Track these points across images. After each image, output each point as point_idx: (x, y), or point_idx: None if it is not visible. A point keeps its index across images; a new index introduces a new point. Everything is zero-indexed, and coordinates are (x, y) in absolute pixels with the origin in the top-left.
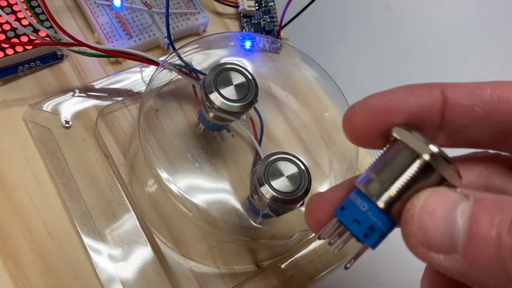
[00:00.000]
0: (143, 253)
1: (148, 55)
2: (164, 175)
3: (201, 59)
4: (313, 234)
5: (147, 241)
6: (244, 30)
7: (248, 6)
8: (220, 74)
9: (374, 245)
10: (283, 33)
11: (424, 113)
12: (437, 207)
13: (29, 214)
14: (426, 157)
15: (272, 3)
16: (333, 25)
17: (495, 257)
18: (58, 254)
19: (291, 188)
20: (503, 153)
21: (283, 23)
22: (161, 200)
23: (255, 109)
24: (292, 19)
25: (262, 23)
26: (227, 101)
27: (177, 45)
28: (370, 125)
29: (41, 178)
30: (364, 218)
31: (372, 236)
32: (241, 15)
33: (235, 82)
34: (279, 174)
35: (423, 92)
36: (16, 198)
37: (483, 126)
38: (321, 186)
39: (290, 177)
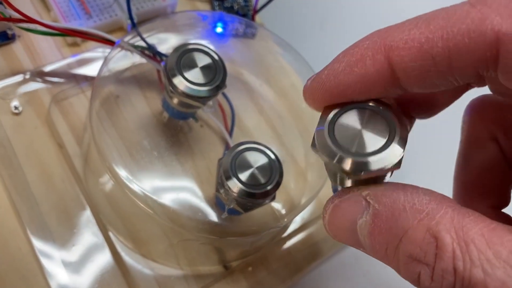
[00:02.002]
0: (99, 254)
1: (104, 33)
2: (120, 170)
3: (166, 42)
4: (285, 233)
5: (103, 240)
6: None
7: None
8: (184, 56)
9: None
10: (258, 18)
11: (372, 84)
12: (340, 222)
13: None
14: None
15: None
16: (311, 11)
17: (389, 261)
18: (1, 252)
19: (261, 181)
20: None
21: (258, 7)
22: (118, 196)
23: (226, 97)
24: (268, 3)
25: (235, 7)
26: (192, 85)
27: (141, 28)
28: (323, 99)
29: None
30: None
31: None
32: None
33: (200, 64)
34: (247, 165)
35: (365, 64)
36: None
37: (442, 83)
38: (295, 180)
39: (260, 169)
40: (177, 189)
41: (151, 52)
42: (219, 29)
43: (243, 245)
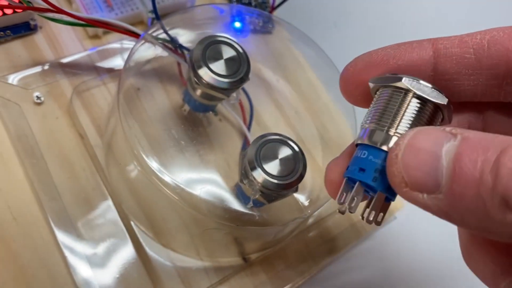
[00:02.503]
0: (120, 243)
1: (130, 26)
2: (150, 159)
3: (185, 35)
4: (305, 226)
5: (124, 230)
6: None
7: None
8: (209, 48)
9: (383, 187)
10: (274, 15)
11: (415, 64)
12: (422, 146)
13: None
14: (411, 88)
15: None
16: (327, 10)
17: (476, 197)
18: (24, 241)
19: (285, 172)
20: None
21: (276, 4)
22: (142, 184)
23: (245, 92)
24: (284, 1)
25: (253, 3)
26: (217, 76)
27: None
28: (362, 81)
29: (7, 157)
30: (366, 163)
31: (382, 179)
32: None
33: (225, 56)
34: (272, 156)
35: (412, 46)
36: None
37: (476, 73)
38: (312, 175)
39: (284, 160)
40: (202, 180)
41: (172, 45)
42: (237, 24)
43: (263, 236)
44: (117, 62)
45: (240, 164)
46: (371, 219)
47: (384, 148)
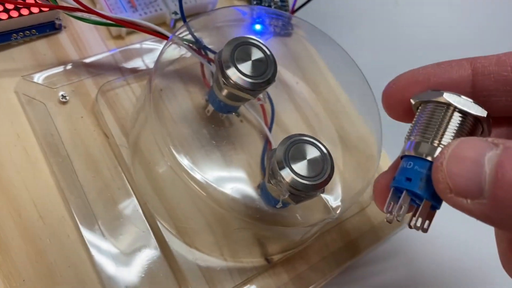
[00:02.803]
0: (145, 242)
1: (158, 27)
2: (179, 153)
3: (208, 37)
4: (326, 228)
5: (149, 229)
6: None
7: None
8: (238, 49)
9: (429, 195)
10: (295, 16)
11: (455, 82)
12: (465, 154)
13: (18, 194)
14: (453, 103)
15: None
16: (342, 17)
17: None
18: (50, 240)
19: (313, 172)
20: None
21: (296, 7)
22: (169, 183)
23: (267, 93)
24: (306, 3)
25: (272, 7)
26: (245, 76)
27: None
28: (404, 97)
29: (34, 156)
30: (413, 173)
31: (428, 187)
32: None
33: (253, 58)
34: (300, 157)
35: (451, 65)
36: (4, 176)
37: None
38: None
39: (312, 161)
40: (229, 180)
41: (197, 47)
42: (258, 26)
43: (294, 236)
44: (140, 63)
45: (267, 164)
46: (418, 225)
47: (429, 158)
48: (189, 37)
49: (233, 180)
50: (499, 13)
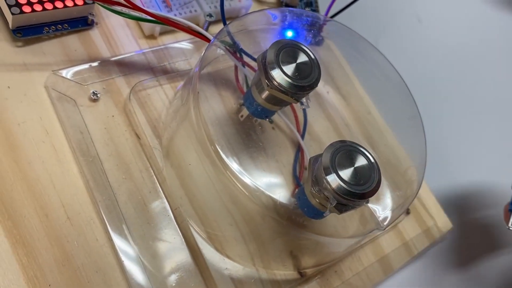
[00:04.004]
0: (176, 248)
1: (202, 30)
2: (230, 160)
3: (243, 41)
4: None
5: (181, 235)
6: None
7: None
8: (282, 51)
9: None
10: (331, 19)
11: None
12: None
13: (46, 193)
14: None
15: None
16: (364, 33)
17: None
18: (78, 242)
19: (361, 180)
20: None
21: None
22: (204, 188)
23: (309, 99)
24: (336, 14)
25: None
26: (289, 78)
27: (217, 27)
28: None
29: (62, 154)
30: None
31: None
32: (283, 4)
33: (298, 60)
34: (347, 164)
35: None
36: (32, 174)
37: None
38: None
39: (359, 169)
40: (269, 185)
41: (233, 50)
42: (289, 33)
43: (337, 248)
44: (173, 64)
45: (309, 171)
46: None
47: None
48: (226, 40)
49: (272, 184)
50: None
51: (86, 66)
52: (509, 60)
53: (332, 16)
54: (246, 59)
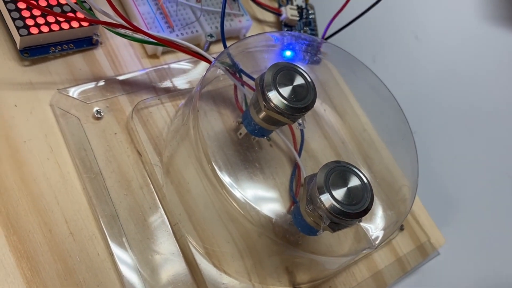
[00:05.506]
0: (175, 264)
1: (203, 51)
2: (224, 176)
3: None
4: (354, 259)
5: (179, 250)
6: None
7: (291, 15)
8: (279, 73)
9: None
10: (327, 42)
11: None
12: None
13: (50, 209)
14: None
15: (313, 15)
16: (362, 50)
17: None
18: (80, 257)
19: (354, 200)
20: None
21: (325, 37)
22: (203, 204)
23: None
24: (335, 33)
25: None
26: (285, 100)
27: (218, 46)
28: None
29: (66, 171)
30: None
31: None
32: (282, 24)
33: (295, 83)
34: (341, 184)
35: None
36: (36, 190)
37: None
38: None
39: (352, 189)
40: (265, 201)
41: (232, 70)
42: (288, 53)
43: (329, 266)
44: (175, 83)
45: (304, 190)
46: None
47: None
48: (226, 61)
49: (268, 202)
50: None
51: (90, 84)
52: (505, 77)
53: (331, 35)
54: (245, 78)
